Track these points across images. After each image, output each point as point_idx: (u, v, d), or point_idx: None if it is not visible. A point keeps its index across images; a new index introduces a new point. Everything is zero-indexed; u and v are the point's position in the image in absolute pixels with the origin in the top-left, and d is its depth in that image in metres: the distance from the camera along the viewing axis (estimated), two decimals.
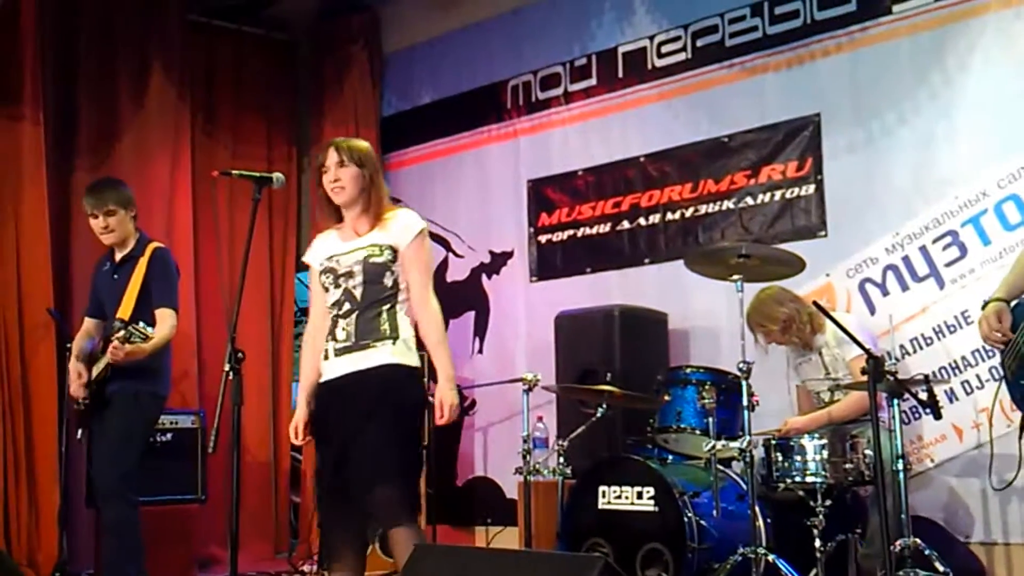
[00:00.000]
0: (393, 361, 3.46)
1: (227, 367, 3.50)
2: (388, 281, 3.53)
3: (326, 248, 3.64)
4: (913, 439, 4.82)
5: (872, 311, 5.03)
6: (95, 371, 4.49)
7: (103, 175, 5.75)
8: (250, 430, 6.58)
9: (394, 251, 3.55)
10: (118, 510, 4.36)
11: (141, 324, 4.21)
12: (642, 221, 5.90)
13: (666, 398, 4.62)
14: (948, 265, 4.86)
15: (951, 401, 4.73)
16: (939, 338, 4.86)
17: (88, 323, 4.76)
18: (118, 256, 4.64)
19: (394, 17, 7.08)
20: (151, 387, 4.53)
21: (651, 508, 4.38)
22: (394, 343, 3.48)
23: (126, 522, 4.37)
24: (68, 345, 5.25)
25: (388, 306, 3.52)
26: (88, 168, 6.21)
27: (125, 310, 4.43)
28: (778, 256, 4.54)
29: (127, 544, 4.36)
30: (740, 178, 5.55)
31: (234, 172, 3.90)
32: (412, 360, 3.51)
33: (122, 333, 4.22)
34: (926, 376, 4.04)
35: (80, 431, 4.62)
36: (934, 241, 4.90)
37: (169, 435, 5.65)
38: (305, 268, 7.42)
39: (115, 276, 4.59)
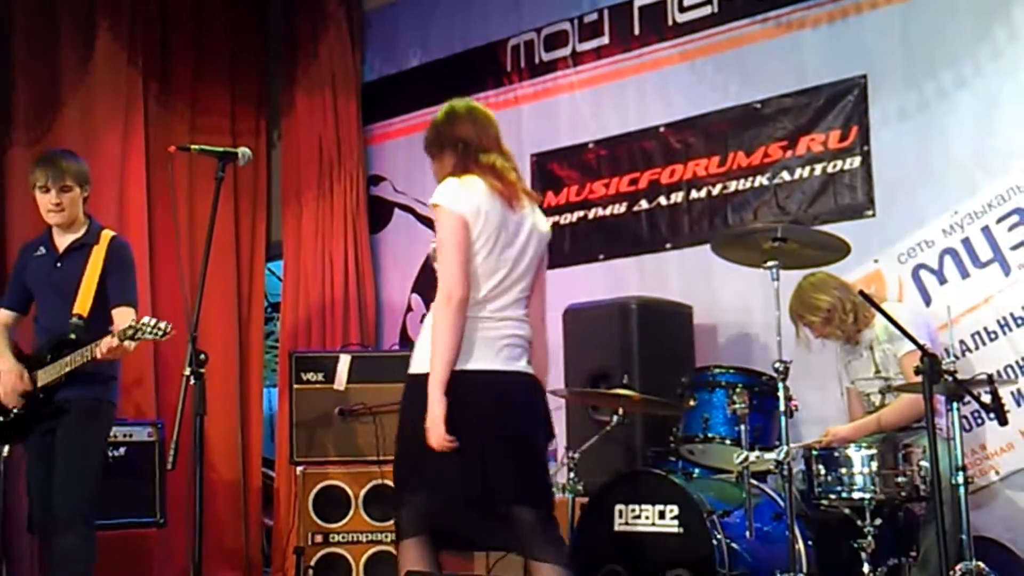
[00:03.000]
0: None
1: (188, 371, 3.51)
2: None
3: None
4: (975, 448, 4.82)
5: (927, 301, 5.04)
6: (45, 377, 4.45)
7: (42, 151, 5.76)
8: (215, 443, 6.59)
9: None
10: (78, 537, 4.32)
11: (153, 319, 4.16)
12: (663, 200, 5.90)
13: (691, 403, 4.63)
14: (1015, 248, 4.86)
15: (1019, 404, 4.74)
16: (1005, 332, 4.86)
17: (5, 315, 4.70)
18: (61, 242, 4.62)
19: None
20: (109, 395, 4.54)
21: (675, 529, 4.39)
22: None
23: (86, 552, 4.35)
24: None
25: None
26: (26, 143, 6.22)
27: (83, 305, 4.43)
28: (819, 239, 4.54)
29: None
30: (775, 150, 5.55)
31: (194, 147, 3.91)
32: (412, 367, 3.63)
33: (126, 331, 4.14)
34: (990, 376, 4.04)
35: (6, 447, 4.60)
36: (998, 221, 4.90)
37: (122, 449, 5.66)
38: (276, 257, 7.47)
39: (58, 265, 4.57)
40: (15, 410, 4.52)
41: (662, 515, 4.43)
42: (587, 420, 5.24)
